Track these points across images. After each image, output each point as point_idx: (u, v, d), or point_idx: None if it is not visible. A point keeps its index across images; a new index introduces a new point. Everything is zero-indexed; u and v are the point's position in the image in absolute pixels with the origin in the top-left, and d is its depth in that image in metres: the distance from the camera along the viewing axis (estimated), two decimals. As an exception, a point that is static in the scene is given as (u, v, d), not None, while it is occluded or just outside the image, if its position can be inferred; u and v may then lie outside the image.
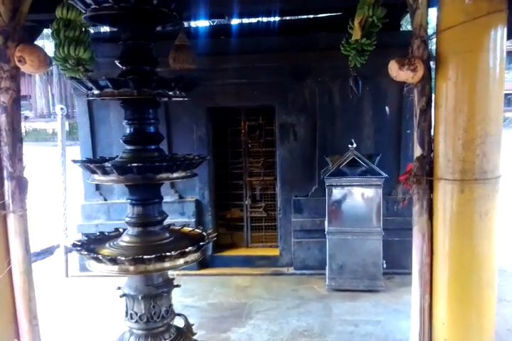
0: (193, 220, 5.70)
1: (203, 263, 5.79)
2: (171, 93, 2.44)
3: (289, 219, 5.61)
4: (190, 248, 2.37)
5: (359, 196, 4.66)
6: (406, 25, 7.07)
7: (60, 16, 3.06)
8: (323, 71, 5.27)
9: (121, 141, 2.63)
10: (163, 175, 2.39)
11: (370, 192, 4.64)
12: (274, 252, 5.81)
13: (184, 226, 2.93)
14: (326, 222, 4.75)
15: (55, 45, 3.12)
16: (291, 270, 5.57)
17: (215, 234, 2.65)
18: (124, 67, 2.53)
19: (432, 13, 3.25)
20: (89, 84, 2.35)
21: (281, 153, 5.57)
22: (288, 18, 5.29)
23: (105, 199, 5.88)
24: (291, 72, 5.34)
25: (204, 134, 5.66)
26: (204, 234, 2.69)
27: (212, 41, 5.40)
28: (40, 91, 31.17)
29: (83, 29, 3.16)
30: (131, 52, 2.52)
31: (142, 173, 2.33)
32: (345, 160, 4.66)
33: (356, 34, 3.14)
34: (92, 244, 2.61)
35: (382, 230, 4.75)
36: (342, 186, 4.64)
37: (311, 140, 5.48)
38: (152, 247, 2.46)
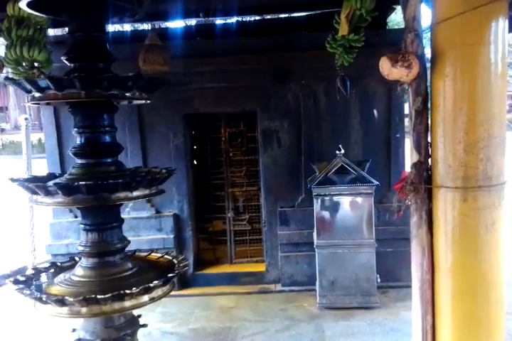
0: (172, 236, 5.42)
1: (183, 283, 5.49)
2: (128, 94, 2.14)
3: (274, 232, 5.37)
4: (156, 282, 2.04)
5: (349, 206, 4.45)
6: (392, 25, 6.98)
7: (11, 13, 2.79)
8: (306, 73, 5.09)
9: (70, 153, 2.30)
10: (121, 195, 2.06)
11: (360, 201, 4.43)
12: (260, 268, 5.54)
13: (152, 251, 2.61)
14: (315, 235, 4.52)
15: (6, 45, 2.83)
16: (279, 287, 5.31)
17: (186, 262, 2.34)
18: (71, 65, 2.21)
19: (424, 7, 3.08)
20: (28, 86, 2.02)
21: (264, 161, 5.34)
22: (267, 17, 5.09)
23: (76, 217, 5.55)
24: (273, 75, 5.14)
25: (181, 143, 5.40)
26: (175, 261, 2.39)
27: (188, 42, 5.18)
28: (14, 102, 30.44)
29: (38, 27, 2.87)
30: (79, 46, 2.21)
31: (94, 193, 1.99)
32: (333, 168, 4.45)
33: (343, 29, 2.95)
34: (40, 279, 2.24)
35: (375, 241, 4.54)
36: (330, 195, 4.42)
37: (296, 146, 5.27)
38: (110, 282, 2.13)
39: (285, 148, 5.28)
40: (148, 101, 2.49)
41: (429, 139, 2.66)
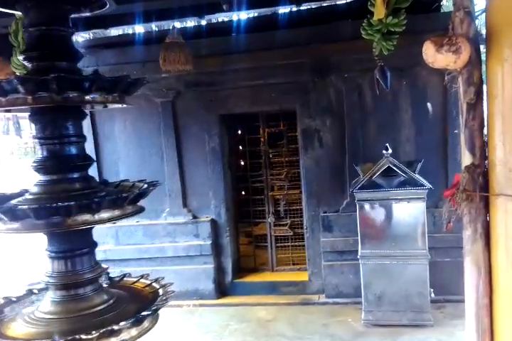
0: (209, 243, 5.24)
1: (222, 291, 5.32)
2: (88, 97, 1.87)
3: (317, 239, 5.03)
4: (123, 323, 1.74)
5: (398, 212, 4.03)
6: (448, 9, 6.37)
7: (19, 16, 2.68)
8: (349, 65, 4.71)
9: (32, 169, 2.02)
10: (79, 218, 1.78)
11: (411, 207, 4.00)
12: (303, 277, 5.23)
13: (142, 277, 2.31)
14: (359, 244, 4.14)
15: (14, 49, 2.72)
16: (323, 298, 4.97)
17: (171, 292, 2.03)
18: (29, 65, 1.96)
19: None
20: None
21: (305, 162, 5.02)
22: (305, 7, 4.74)
23: (113, 222, 5.49)
24: (313, 69, 4.81)
25: (218, 145, 5.20)
26: (160, 291, 2.09)
27: (220, 39, 4.97)
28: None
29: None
30: (36, 42, 1.94)
31: (44, 217, 1.72)
32: (379, 169, 4.05)
33: (379, 12, 2.59)
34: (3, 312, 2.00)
35: (429, 251, 4.09)
36: (375, 201, 4.03)
37: (339, 146, 4.90)
38: (76, 320, 1.84)
39: (327, 148, 4.93)
40: (125, 105, 2.24)
41: (485, 138, 2.27)
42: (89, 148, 5.39)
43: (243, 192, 5.64)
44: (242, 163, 5.59)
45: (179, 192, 5.30)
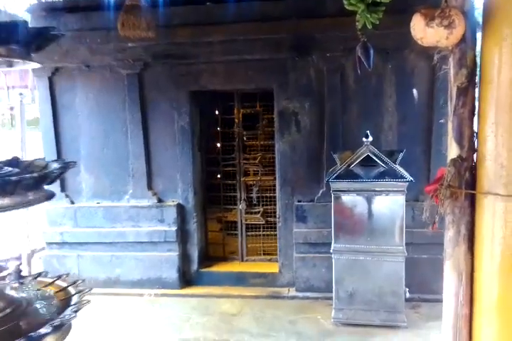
0: (174, 229, 4.98)
1: (187, 280, 5.09)
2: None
3: (290, 229, 4.82)
4: None
5: (375, 205, 3.82)
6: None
7: None
8: (333, 44, 4.42)
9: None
10: None
11: (389, 200, 3.79)
12: (273, 268, 5.03)
13: (59, 278, 1.92)
14: (333, 238, 3.93)
15: None
16: (293, 291, 4.79)
17: (86, 302, 1.70)
18: None
19: None
20: None
21: (280, 147, 4.75)
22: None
23: (72, 202, 5.21)
24: (292, 46, 4.51)
25: (187, 124, 4.89)
26: (74, 299, 1.73)
27: (194, 8, 4.61)
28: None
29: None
30: None
31: None
32: (358, 158, 3.81)
33: (364, -22, 2.29)
34: None
35: (406, 247, 3.90)
36: (352, 192, 3.81)
37: (317, 131, 4.65)
38: None
39: (305, 132, 4.67)
40: (32, 64, 1.89)
41: (475, 128, 2.02)
42: (48, 120, 5.07)
43: (214, 176, 5.35)
44: (214, 145, 5.28)
45: (144, 172, 5.00)
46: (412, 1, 4.12)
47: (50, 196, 1.74)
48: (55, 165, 1.79)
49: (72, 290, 1.78)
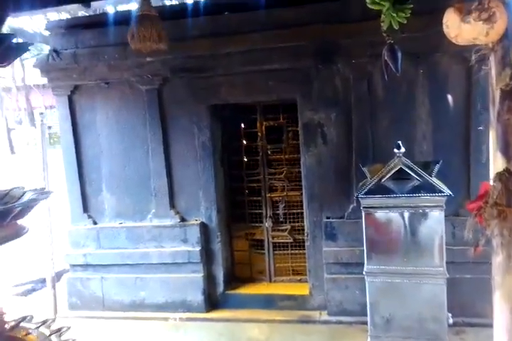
0: (198, 249, 4.78)
1: (212, 303, 4.86)
2: None
3: (319, 248, 4.54)
4: None
5: (410, 222, 3.50)
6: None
7: None
8: (359, 50, 4.18)
9: None
10: None
11: (426, 216, 3.46)
12: (303, 290, 4.75)
13: (24, 319, 1.68)
14: (365, 258, 3.62)
15: None
16: (325, 315, 4.49)
17: None
18: None
19: None
20: None
21: (306, 161, 4.51)
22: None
23: (95, 223, 5.11)
24: (316, 54, 4.28)
25: (208, 139, 4.72)
26: None
27: (211, 19, 4.47)
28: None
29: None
30: None
31: None
32: (390, 171, 3.52)
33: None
34: None
35: (446, 266, 3.55)
36: (385, 208, 3.50)
37: (345, 143, 4.39)
38: None
39: (332, 145, 4.42)
40: None
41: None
42: (68, 139, 5.01)
43: (238, 193, 5.14)
44: (237, 160, 5.08)
45: (166, 191, 4.85)
46: (441, 1, 3.89)
47: (17, 234, 1.55)
48: (29, 196, 1.61)
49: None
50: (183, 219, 4.89)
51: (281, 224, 5.05)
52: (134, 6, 4.75)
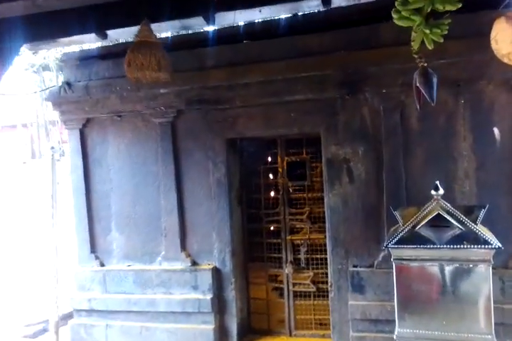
0: (209, 297, 4.37)
1: (225, 358, 4.35)
2: None
3: (344, 301, 4.02)
4: None
5: (451, 278, 2.97)
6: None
7: None
8: (389, 78, 3.79)
9: None
10: None
11: (470, 271, 2.93)
12: (327, 348, 4.18)
13: None
14: (396, 319, 3.09)
15: None
16: (351, 381, 3.89)
17: None
18: None
19: None
20: None
21: (330, 200, 4.07)
22: (334, 6, 3.88)
23: (102, 265, 4.78)
24: (341, 83, 3.92)
25: (224, 175, 4.37)
26: None
27: (228, 47, 4.21)
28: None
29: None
30: None
31: None
32: (426, 217, 3.03)
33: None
34: None
35: (495, 328, 2.96)
36: (420, 261, 2.99)
37: (374, 182, 3.94)
38: None
39: (359, 183, 3.97)
40: None
41: None
42: (79, 174, 4.77)
43: (256, 234, 4.71)
44: (256, 199, 4.68)
45: (177, 231, 4.49)
46: (485, 23, 3.49)
47: None
48: None
49: None
50: (194, 263, 4.49)
51: (303, 271, 4.55)
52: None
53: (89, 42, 4.73)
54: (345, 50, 3.86)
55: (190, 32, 4.37)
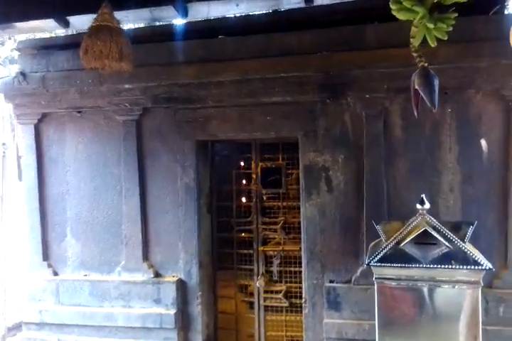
0: (173, 312, 4.07)
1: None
2: None
3: (319, 318, 3.82)
4: None
5: (437, 300, 2.79)
6: None
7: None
8: (373, 82, 3.61)
9: None
10: None
11: (458, 294, 2.75)
12: (299, 369, 3.96)
13: None
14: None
15: None
16: None
17: None
18: None
19: None
20: None
21: (307, 210, 3.86)
22: (316, 3, 3.67)
23: (55, 274, 4.43)
24: (322, 85, 3.71)
25: (193, 180, 4.10)
26: None
27: (203, 42, 3.94)
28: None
29: None
30: None
31: None
32: (411, 233, 2.84)
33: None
34: None
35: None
36: (404, 280, 2.80)
37: (354, 192, 3.75)
38: None
39: (338, 193, 3.77)
40: None
41: None
42: (32, 174, 4.39)
43: (225, 245, 4.45)
44: (226, 206, 4.42)
45: (139, 240, 4.19)
46: (477, 28, 3.34)
47: None
48: None
49: None
50: (157, 274, 4.19)
51: (276, 284, 4.32)
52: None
53: (51, 30, 4.41)
54: (327, 50, 3.65)
55: (159, 24, 4.05)
